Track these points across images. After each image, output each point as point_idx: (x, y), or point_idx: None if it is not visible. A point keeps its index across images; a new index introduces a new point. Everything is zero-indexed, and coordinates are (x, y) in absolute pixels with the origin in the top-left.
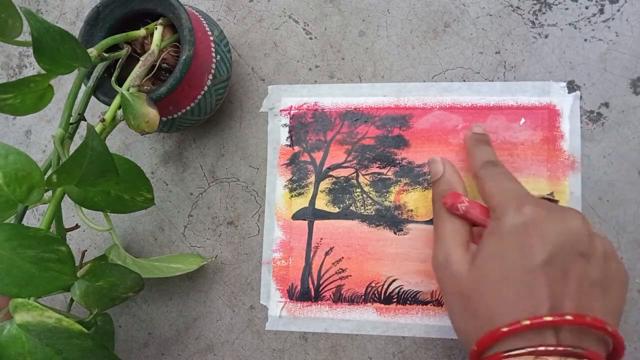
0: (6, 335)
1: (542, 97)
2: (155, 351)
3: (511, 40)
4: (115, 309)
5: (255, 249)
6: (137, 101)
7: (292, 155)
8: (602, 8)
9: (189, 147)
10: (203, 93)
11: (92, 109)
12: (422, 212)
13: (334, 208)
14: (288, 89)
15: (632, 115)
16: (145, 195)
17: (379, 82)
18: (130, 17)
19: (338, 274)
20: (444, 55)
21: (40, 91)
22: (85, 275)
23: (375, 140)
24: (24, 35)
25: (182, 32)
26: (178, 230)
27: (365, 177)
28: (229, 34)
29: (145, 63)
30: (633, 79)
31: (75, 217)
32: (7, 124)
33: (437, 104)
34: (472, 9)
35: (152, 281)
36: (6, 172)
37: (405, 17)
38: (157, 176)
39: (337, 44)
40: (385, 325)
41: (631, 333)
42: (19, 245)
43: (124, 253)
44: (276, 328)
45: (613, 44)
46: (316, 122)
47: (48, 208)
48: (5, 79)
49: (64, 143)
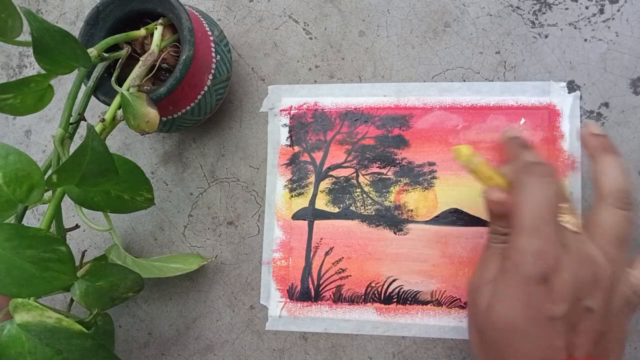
0: (6, 335)
1: (542, 97)
2: (155, 351)
3: (511, 40)
4: (115, 309)
5: (255, 249)
6: (137, 101)
7: (292, 155)
8: (602, 8)
9: (189, 147)
10: (203, 93)
11: (92, 109)
12: (422, 212)
13: (334, 208)
14: (288, 89)
15: (632, 115)
16: (145, 195)
17: (379, 82)
18: (130, 17)
19: (338, 274)
20: (444, 55)
21: (40, 91)
22: (85, 275)
23: (375, 140)
24: (24, 35)
25: (182, 32)
26: (178, 230)
27: (365, 177)
28: (229, 34)
29: (145, 63)
30: (633, 79)
31: (75, 217)
32: (7, 124)
33: (437, 104)
34: (472, 9)
35: (152, 281)
36: (6, 172)
37: (405, 17)
38: (157, 176)
39: (337, 44)
40: (385, 325)
41: (631, 333)
42: (19, 245)
43: (124, 253)
44: (276, 328)
45: (613, 44)
46: (316, 122)
47: (48, 208)
48: (5, 79)
49: (64, 143)
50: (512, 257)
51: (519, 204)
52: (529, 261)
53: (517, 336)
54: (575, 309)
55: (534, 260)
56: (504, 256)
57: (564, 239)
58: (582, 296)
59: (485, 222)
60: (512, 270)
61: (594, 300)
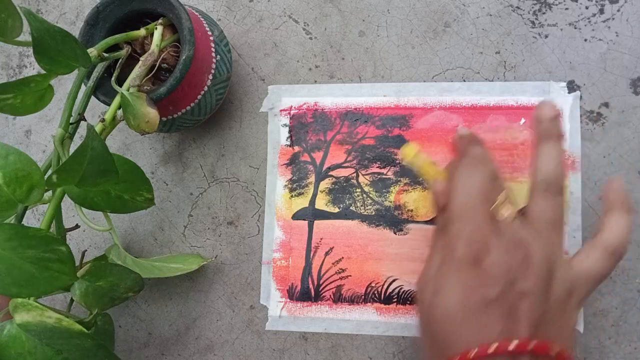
0: (6, 335)
1: (542, 97)
2: (155, 351)
3: (511, 40)
4: (115, 309)
5: (255, 249)
6: (137, 101)
7: (292, 155)
8: (602, 8)
9: (189, 147)
10: (203, 93)
11: (92, 109)
12: (422, 212)
13: (334, 208)
14: (288, 89)
15: (632, 115)
16: (145, 195)
17: (379, 82)
18: (130, 17)
19: (338, 274)
20: (444, 55)
21: (40, 91)
22: (85, 275)
23: (375, 140)
24: (24, 35)
25: (182, 32)
26: (178, 230)
27: (365, 177)
28: (229, 34)
29: (145, 63)
30: (633, 79)
31: (75, 217)
32: (7, 124)
33: (437, 104)
34: (472, 9)
35: (152, 281)
36: (6, 172)
37: (405, 17)
38: (157, 176)
39: (337, 44)
40: (385, 325)
41: (631, 333)
42: (19, 245)
43: (124, 253)
44: (276, 328)
45: (613, 44)
46: (316, 122)
47: (48, 208)
48: (5, 79)
49: (64, 143)
50: (446, 245)
51: (451, 192)
52: (459, 245)
53: (456, 323)
54: (509, 293)
55: (463, 243)
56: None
57: (497, 226)
58: (515, 279)
59: None
60: (448, 258)
61: (527, 282)
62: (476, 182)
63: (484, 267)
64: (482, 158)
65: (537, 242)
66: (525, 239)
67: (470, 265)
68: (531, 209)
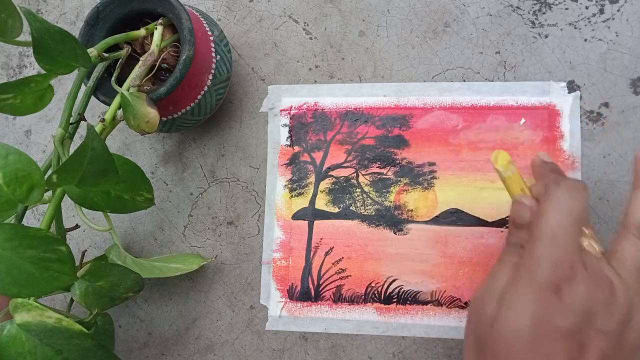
0: (6, 335)
1: (542, 97)
2: (155, 351)
3: (511, 40)
4: (115, 309)
5: (255, 249)
6: (137, 101)
7: (292, 155)
8: (602, 8)
9: (189, 147)
10: (203, 93)
11: (92, 109)
12: (422, 212)
13: (334, 208)
14: (288, 89)
15: (632, 115)
16: (145, 195)
17: (379, 82)
18: (130, 17)
19: (338, 274)
20: (444, 55)
21: (40, 91)
22: (85, 275)
23: (375, 140)
24: (24, 35)
25: (182, 32)
26: (178, 230)
27: (365, 177)
28: (229, 34)
29: (145, 63)
30: (633, 79)
31: (75, 217)
32: (7, 124)
33: (437, 104)
34: (472, 9)
35: (152, 281)
36: (6, 172)
37: (405, 17)
38: (157, 176)
39: (337, 44)
40: (385, 325)
41: None
42: (19, 245)
43: (124, 253)
44: (276, 328)
45: (613, 44)
46: (316, 122)
47: (48, 208)
48: (5, 79)
49: (64, 143)
50: (526, 265)
51: (543, 211)
52: (544, 268)
53: (520, 347)
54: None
55: (549, 267)
56: (516, 267)
57: (583, 259)
58: (595, 315)
59: (485, 222)
60: (525, 278)
61: (608, 322)
62: (574, 207)
63: (564, 295)
64: (581, 187)
65: (621, 284)
66: (612, 279)
67: (551, 290)
68: (619, 252)
